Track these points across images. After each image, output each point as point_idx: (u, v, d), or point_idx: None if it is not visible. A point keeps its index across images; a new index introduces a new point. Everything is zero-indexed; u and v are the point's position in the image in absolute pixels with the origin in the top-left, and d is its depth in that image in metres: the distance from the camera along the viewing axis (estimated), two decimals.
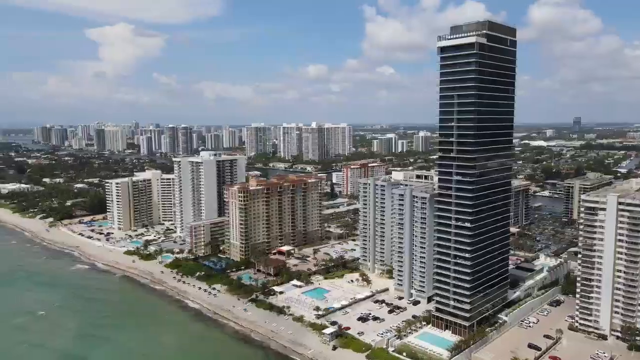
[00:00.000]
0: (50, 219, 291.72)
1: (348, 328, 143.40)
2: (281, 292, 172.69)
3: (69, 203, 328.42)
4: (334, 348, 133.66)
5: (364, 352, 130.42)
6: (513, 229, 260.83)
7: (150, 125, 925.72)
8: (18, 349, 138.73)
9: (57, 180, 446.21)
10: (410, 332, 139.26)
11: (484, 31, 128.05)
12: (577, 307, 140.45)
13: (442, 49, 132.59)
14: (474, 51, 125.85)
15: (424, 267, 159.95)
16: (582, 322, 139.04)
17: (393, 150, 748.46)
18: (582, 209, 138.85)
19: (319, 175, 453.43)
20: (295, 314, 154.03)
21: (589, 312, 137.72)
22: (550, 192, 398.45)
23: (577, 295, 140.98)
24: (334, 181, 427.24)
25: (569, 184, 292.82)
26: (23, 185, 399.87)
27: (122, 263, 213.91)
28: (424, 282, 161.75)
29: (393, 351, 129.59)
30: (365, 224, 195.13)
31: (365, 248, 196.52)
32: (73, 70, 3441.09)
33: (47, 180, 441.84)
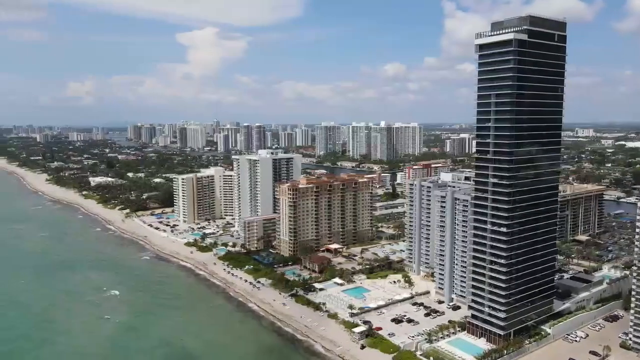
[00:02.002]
0: (127, 210, 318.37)
1: (380, 328, 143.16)
2: (321, 289, 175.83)
3: (144, 196, 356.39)
4: (362, 347, 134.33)
5: (391, 354, 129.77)
6: (582, 237, 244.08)
7: (228, 124, 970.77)
8: (89, 321, 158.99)
9: (139, 175, 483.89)
10: (442, 337, 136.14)
11: (525, 27, 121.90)
12: (632, 323, 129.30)
13: (481, 47, 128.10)
14: (512, 48, 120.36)
15: (465, 272, 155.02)
16: (635, 339, 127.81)
17: (467, 151, 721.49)
18: (638, 217, 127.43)
19: (382, 175, 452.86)
20: (330, 310, 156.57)
21: None
22: (636, 198, 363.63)
23: (632, 311, 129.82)
24: (398, 181, 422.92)
25: None
26: (109, 179, 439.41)
27: (181, 253, 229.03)
28: (465, 287, 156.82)
29: (421, 355, 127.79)
30: (412, 226, 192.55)
31: (411, 249, 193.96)
32: (165, 73, 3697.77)
33: (130, 174, 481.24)
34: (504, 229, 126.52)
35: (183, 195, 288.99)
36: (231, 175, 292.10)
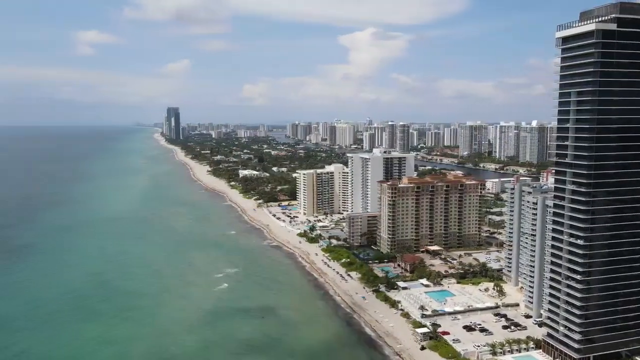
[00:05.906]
0: (260, 201, 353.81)
1: (447, 333, 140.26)
2: (404, 288, 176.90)
3: (278, 189, 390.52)
4: (422, 348, 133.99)
5: (449, 359, 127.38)
6: None
7: (375, 123, 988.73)
8: (210, 287, 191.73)
9: (282, 169, 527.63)
10: (510, 351, 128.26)
11: (614, 15, 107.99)
12: None
13: (563, 40, 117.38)
14: (594, 40, 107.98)
15: None
16: None
17: None
18: None
19: (521, 178, 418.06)
20: (404, 309, 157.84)
21: None
22: None
23: None
24: None
25: None
26: (254, 172, 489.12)
27: (292, 242, 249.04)
28: None
29: None
30: (511, 233, 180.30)
31: (510, 258, 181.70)
32: (326, 73, 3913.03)
33: (275, 169, 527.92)
34: (580, 242, 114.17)
35: (304, 189, 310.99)
36: (348, 172, 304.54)
